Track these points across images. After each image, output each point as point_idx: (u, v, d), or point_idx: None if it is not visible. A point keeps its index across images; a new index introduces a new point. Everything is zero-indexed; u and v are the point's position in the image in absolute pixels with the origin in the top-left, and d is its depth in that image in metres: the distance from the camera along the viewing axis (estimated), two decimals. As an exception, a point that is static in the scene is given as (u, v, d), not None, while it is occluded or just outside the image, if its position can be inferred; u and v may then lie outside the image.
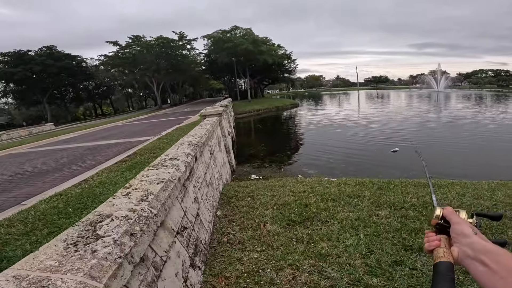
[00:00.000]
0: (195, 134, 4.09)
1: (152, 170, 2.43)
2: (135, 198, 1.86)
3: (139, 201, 1.81)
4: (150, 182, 2.14)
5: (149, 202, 1.79)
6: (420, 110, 25.92)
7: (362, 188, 4.39)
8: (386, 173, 7.08)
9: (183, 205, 2.48)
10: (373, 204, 3.77)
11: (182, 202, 2.46)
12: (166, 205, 1.99)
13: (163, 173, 2.29)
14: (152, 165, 2.56)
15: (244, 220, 3.58)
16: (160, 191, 1.98)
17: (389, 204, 3.75)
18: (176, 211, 2.27)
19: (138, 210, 1.69)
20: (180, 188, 2.40)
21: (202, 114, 7.38)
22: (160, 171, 2.35)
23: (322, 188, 4.47)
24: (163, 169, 2.41)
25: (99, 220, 1.57)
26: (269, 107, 37.28)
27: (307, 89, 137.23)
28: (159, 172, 2.34)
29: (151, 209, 1.75)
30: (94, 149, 9.67)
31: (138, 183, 2.15)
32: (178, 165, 2.52)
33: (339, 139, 13.00)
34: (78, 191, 4.61)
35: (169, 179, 2.19)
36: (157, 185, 2.08)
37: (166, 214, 2.02)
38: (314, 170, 7.90)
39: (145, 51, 40.20)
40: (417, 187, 4.43)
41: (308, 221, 3.42)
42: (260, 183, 5.08)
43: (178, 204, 2.36)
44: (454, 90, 67.02)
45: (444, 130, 14.38)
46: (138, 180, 2.22)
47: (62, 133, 19.20)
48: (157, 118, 23.52)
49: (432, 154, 9.59)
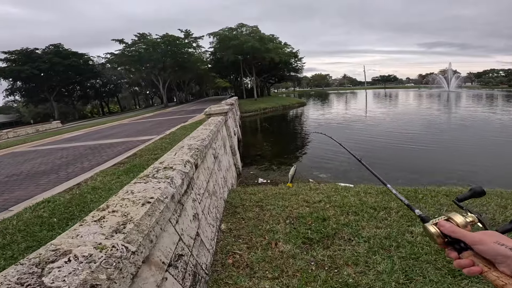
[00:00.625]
0: (198, 136, 3.61)
1: (140, 183, 1.96)
2: (109, 227, 1.38)
3: (112, 232, 1.33)
4: (133, 202, 1.66)
5: (125, 235, 1.31)
6: (432, 110, 25.06)
7: (386, 198, 3.86)
8: (406, 178, 6.53)
9: (178, 227, 1.99)
10: (403, 218, 3.24)
11: (177, 224, 1.98)
12: (152, 235, 1.50)
13: (152, 189, 1.81)
14: (141, 177, 2.09)
15: (252, 236, 3.09)
16: (144, 217, 1.50)
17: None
18: (168, 237, 1.79)
19: (108, 247, 1.21)
20: (174, 207, 1.92)
21: (206, 113, 6.91)
22: (149, 186, 1.87)
23: (340, 197, 3.95)
24: (153, 183, 1.92)
25: (52, 259, 1.10)
26: (275, 105, 36.73)
27: (314, 88, 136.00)
28: (147, 187, 1.86)
29: (127, 245, 1.27)
30: (95, 148, 9.30)
31: (118, 203, 1.67)
32: (173, 177, 2.04)
33: (350, 140, 12.38)
34: (68, 197, 4.18)
35: (159, 199, 1.70)
36: (141, 207, 1.59)
37: (153, 246, 1.54)
38: (326, 174, 7.35)
39: (151, 49, 39.97)
40: (450, 197, 3.88)
41: (328, 239, 2.91)
42: (269, 189, 4.58)
43: (171, 228, 1.88)
44: (465, 89, 65.54)
45: (460, 132, 13.66)
46: (119, 198, 1.74)
47: (66, 131, 18.99)
48: (162, 116, 23.18)
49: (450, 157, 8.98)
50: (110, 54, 42.72)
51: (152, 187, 1.86)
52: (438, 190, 4.23)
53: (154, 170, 2.22)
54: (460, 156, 9.14)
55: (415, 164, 8.20)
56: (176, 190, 1.98)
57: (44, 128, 31.67)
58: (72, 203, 3.95)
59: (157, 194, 1.76)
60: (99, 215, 1.55)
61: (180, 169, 2.21)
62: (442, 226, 0.68)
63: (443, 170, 7.53)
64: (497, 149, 10.02)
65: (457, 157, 9.02)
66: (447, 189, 4.28)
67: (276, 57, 38.90)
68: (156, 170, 2.20)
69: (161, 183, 1.93)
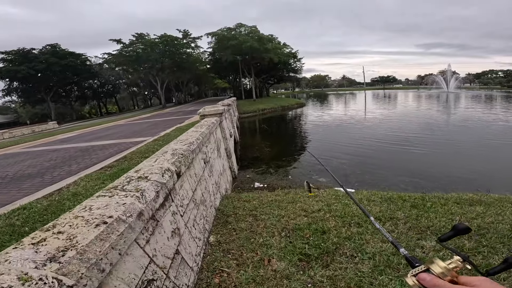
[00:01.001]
0: (186, 140, 3.29)
1: (104, 197, 1.64)
2: (45, 253, 1.09)
3: (46, 261, 1.04)
4: (87, 222, 1.35)
5: (61, 265, 1.01)
6: (432, 111, 24.78)
7: (392, 206, 3.54)
8: (410, 183, 6.23)
9: (149, 248, 1.67)
10: (411, 230, 2.93)
11: (147, 244, 1.66)
12: (104, 263, 1.19)
13: (115, 206, 1.49)
14: (108, 189, 1.77)
15: (243, 251, 2.76)
16: (94, 242, 1.19)
17: (433, 230, 2.90)
18: (132, 262, 1.47)
19: (34, 280, 0.92)
20: (142, 226, 1.60)
21: (200, 114, 6.59)
22: (113, 201, 1.55)
23: (341, 205, 3.63)
24: (119, 197, 1.60)
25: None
26: (274, 106, 36.42)
27: (313, 89, 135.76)
28: (110, 202, 1.54)
29: (61, 278, 0.98)
30: (86, 150, 8.96)
31: (68, 222, 1.36)
32: (145, 190, 1.72)
33: (350, 142, 12.07)
34: (45, 204, 3.85)
35: (119, 218, 1.39)
36: (93, 229, 1.28)
37: (107, 275, 1.23)
38: (325, 178, 7.02)
39: (149, 49, 39.61)
40: (461, 205, 3.57)
41: (328, 255, 2.59)
42: (265, 196, 4.25)
43: (138, 250, 1.56)
44: (464, 90, 65.37)
45: (461, 133, 13.36)
46: (72, 215, 1.43)
47: (61, 132, 18.63)
48: (160, 117, 22.85)
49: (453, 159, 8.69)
50: (107, 55, 42.37)
51: (116, 203, 1.54)
52: (447, 197, 3.92)
53: (126, 180, 1.90)
54: (463, 158, 8.85)
55: (417, 167, 7.90)
56: (147, 205, 1.66)
57: (40, 128, 31.26)
58: (48, 210, 3.63)
59: (118, 212, 1.44)
60: (41, 236, 1.24)
61: (156, 180, 1.89)
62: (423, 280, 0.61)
63: (446, 173, 7.24)
64: (500, 150, 9.73)
65: (459, 159, 8.73)
66: (456, 195, 3.97)
67: (275, 57, 38.59)
68: (127, 181, 1.88)
69: (128, 197, 1.61)
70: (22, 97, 46.05)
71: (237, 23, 40.20)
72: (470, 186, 6.21)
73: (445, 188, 6.02)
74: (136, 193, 1.65)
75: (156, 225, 1.85)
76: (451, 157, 9.03)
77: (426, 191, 5.73)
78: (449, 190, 5.85)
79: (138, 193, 1.66)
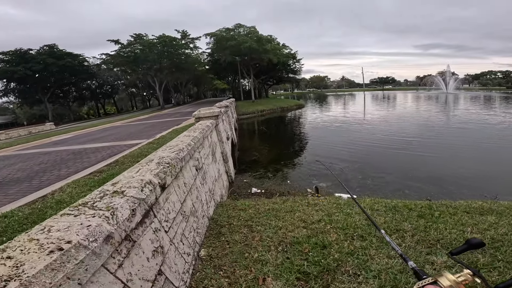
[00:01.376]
0: (175, 146, 3.05)
1: (69, 216, 1.40)
2: None
3: None
4: (41, 246, 1.12)
5: None
6: (433, 113, 24.59)
7: (397, 216, 3.31)
8: (414, 189, 5.99)
9: (122, 272, 1.43)
10: (420, 244, 2.69)
11: (119, 269, 1.42)
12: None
13: (78, 228, 1.25)
14: (76, 206, 1.52)
15: (236, 267, 2.52)
16: (43, 272, 1.01)
17: (443, 243, 2.67)
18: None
19: None
20: (112, 250, 1.36)
21: (195, 116, 6.34)
22: (76, 222, 1.31)
23: (343, 215, 3.40)
24: (86, 217, 1.36)
25: None
26: (273, 107, 36.22)
27: (312, 90, 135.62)
28: (73, 223, 1.30)
29: None
30: (79, 153, 8.71)
31: (20, 245, 1.15)
32: (118, 208, 1.48)
33: (351, 145, 11.82)
34: (28, 212, 3.62)
35: (79, 243, 1.16)
36: (46, 256, 1.07)
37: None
38: (325, 183, 6.77)
39: (147, 50, 39.32)
40: (471, 215, 3.34)
41: (329, 274, 2.35)
42: (262, 204, 4.01)
43: (108, 277, 1.32)
44: (463, 91, 65.36)
45: (464, 136, 13.15)
46: (27, 238, 1.20)
47: (56, 134, 18.34)
48: (157, 118, 22.59)
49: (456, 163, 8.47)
50: (105, 55, 42.07)
51: (80, 224, 1.30)
52: (456, 205, 3.69)
53: (99, 195, 1.66)
54: (466, 162, 8.63)
55: (420, 172, 7.66)
56: (119, 226, 1.42)
57: (37, 130, 30.95)
58: (29, 219, 3.39)
59: (79, 237, 1.21)
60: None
61: (133, 195, 1.65)
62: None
63: (450, 177, 7.01)
64: (504, 153, 9.52)
65: (463, 163, 8.50)
66: (466, 203, 3.73)
67: (274, 58, 38.37)
68: (100, 196, 1.64)
69: (96, 217, 1.37)
70: (19, 98, 45.70)
71: (236, 24, 39.99)
72: (476, 191, 5.99)
73: (451, 193, 5.80)
74: (106, 213, 1.41)
75: (132, 246, 1.61)
76: (454, 160, 8.81)
77: (432, 197, 5.50)
78: (455, 196, 5.63)
79: (109, 212, 1.42)
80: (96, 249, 1.25)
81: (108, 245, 1.34)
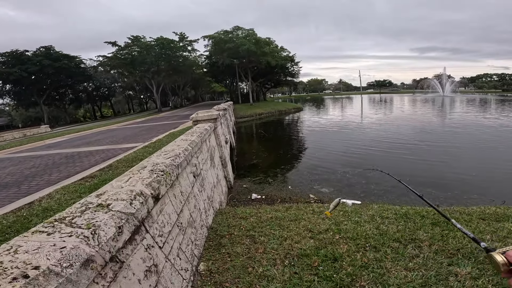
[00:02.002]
0: (171, 151, 2.81)
1: (41, 234, 1.15)
2: None
3: None
4: (3, 271, 0.90)
5: None
6: (431, 116, 24.54)
7: (410, 224, 3.09)
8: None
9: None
10: (439, 254, 2.47)
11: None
12: None
13: (49, 250, 1.01)
14: (51, 222, 1.28)
15: (238, 284, 2.28)
16: None
17: (464, 253, 2.45)
18: None
19: None
20: (93, 275, 1.12)
21: (193, 119, 6.10)
22: (48, 243, 1.07)
23: (351, 223, 3.17)
24: (61, 236, 1.12)
25: None
26: (271, 111, 36.05)
27: (310, 93, 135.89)
28: (45, 244, 1.06)
29: None
30: (72, 157, 8.42)
31: None
32: (100, 226, 1.23)
33: (352, 149, 11.58)
34: (12, 220, 3.36)
35: (49, 270, 0.92)
36: (8, 284, 0.84)
37: None
38: (328, 188, 6.52)
39: (145, 52, 39.05)
40: (488, 221, 3.13)
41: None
42: (264, 211, 3.77)
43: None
44: (459, 94, 65.77)
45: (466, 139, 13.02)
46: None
47: (50, 137, 17.98)
48: (154, 121, 22.30)
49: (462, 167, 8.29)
50: (102, 57, 41.76)
51: (52, 245, 1.06)
52: (470, 211, 3.48)
53: (80, 209, 1.41)
54: (470, 165, 8.46)
55: (425, 176, 7.45)
56: (101, 247, 1.18)
57: (32, 132, 30.49)
58: (12, 228, 3.14)
59: (50, 261, 0.97)
60: None
61: (120, 210, 1.41)
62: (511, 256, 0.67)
63: (456, 181, 6.81)
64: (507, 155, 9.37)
65: (467, 166, 8.32)
66: (479, 209, 3.53)
67: (272, 60, 38.25)
68: (81, 210, 1.40)
69: (73, 237, 1.13)
70: (15, 99, 45.13)
71: (234, 26, 39.85)
72: (484, 195, 5.80)
73: (458, 198, 5.60)
74: (86, 232, 1.17)
75: (120, 268, 1.36)
76: (458, 164, 8.63)
77: (440, 203, 5.30)
78: (464, 201, 5.43)
79: (89, 231, 1.18)
80: (72, 276, 1.01)
81: (88, 270, 1.10)
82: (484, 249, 0.81)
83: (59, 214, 1.40)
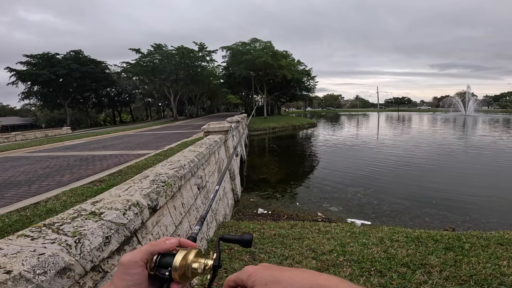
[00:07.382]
0: (177, 161, 2.79)
1: (25, 239, 1.13)
2: None
3: None
4: None
5: None
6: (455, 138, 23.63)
7: (422, 248, 2.90)
8: (436, 216, 5.50)
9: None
10: (449, 280, 2.29)
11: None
12: None
13: (27, 255, 0.98)
14: (39, 227, 1.26)
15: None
16: None
17: (477, 280, 2.25)
18: None
19: None
20: (69, 285, 1.08)
21: (204, 130, 6.12)
22: (29, 248, 1.04)
23: (358, 246, 3.01)
24: (44, 242, 1.09)
25: None
26: (285, 125, 35.98)
27: (325, 109, 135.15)
28: (24, 249, 1.03)
29: None
30: (86, 160, 8.62)
31: None
32: (86, 234, 1.20)
33: (365, 168, 11.26)
34: (14, 219, 3.39)
35: (21, 275, 0.89)
36: None
37: None
38: (337, 207, 6.31)
39: (166, 60, 40.27)
40: (506, 247, 2.90)
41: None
42: (267, 227, 3.66)
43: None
44: (482, 113, 63.25)
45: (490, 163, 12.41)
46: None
47: (69, 138, 18.59)
48: (169, 129, 22.70)
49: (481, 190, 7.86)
50: (126, 63, 43.37)
51: (32, 251, 1.03)
52: (488, 236, 3.24)
53: (71, 216, 1.39)
54: (490, 189, 8.00)
55: (440, 198, 7.09)
56: (82, 257, 1.13)
57: (54, 133, 31.68)
58: (12, 227, 3.16)
59: (24, 266, 0.94)
60: None
61: (111, 220, 1.37)
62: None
63: (474, 204, 6.44)
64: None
65: (486, 190, 7.89)
66: (498, 234, 3.28)
67: (288, 74, 38.45)
68: (73, 217, 1.37)
69: (55, 244, 1.09)
70: (41, 100, 47.17)
71: (252, 38, 40.53)
72: (504, 219, 5.44)
73: (476, 222, 5.28)
74: (70, 240, 1.13)
75: (103, 278, 1.31)
76: (476, 188, 8.19)
77: (457, 226, 5.00)
78: (482, 225, 5.11)
79: (73, 239, 1.14)
80: (43, 284, 0.97)
81: (64, 278, 1.06)
82: None
83: (50, 219, 1.38)
